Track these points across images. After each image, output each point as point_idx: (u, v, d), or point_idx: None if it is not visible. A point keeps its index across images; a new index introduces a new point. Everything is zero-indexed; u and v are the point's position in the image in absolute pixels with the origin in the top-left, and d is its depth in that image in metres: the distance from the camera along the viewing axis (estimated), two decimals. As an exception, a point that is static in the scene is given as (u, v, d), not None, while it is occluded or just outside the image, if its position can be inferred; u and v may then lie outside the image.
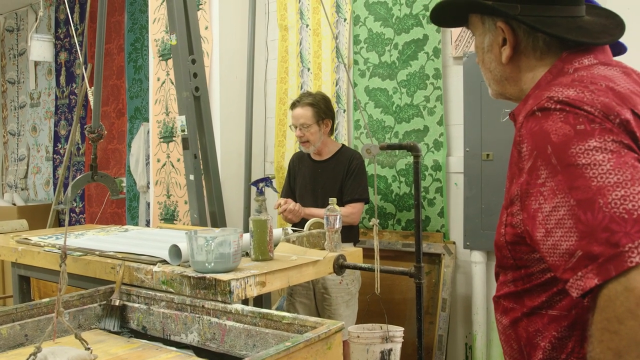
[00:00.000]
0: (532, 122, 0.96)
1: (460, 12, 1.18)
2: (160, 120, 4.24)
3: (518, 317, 1.05)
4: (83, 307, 2.00)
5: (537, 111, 0.95)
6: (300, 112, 3.00)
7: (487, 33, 1.14)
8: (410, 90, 3.43)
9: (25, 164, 6.67)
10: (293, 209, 2.88)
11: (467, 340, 3.25)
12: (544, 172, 0.91)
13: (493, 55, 1.13)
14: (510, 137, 1.06)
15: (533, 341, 1.03)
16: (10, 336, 1.79)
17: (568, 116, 0.91)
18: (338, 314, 2.86)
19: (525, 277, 1.04)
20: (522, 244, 1.01)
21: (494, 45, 1.13)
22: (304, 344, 1.43)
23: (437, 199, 3.33)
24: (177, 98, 3.35)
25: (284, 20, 4.07)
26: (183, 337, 1.86)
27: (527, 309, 1.04)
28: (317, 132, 3.00)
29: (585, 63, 1.04)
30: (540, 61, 1.09)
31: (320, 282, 2.88)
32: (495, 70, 1.14)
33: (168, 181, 4.17)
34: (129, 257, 2.18)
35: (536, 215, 0.92)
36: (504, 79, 1.14)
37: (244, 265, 2.00)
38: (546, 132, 0.92)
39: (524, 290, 1.04)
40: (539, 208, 0.91)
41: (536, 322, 1.02)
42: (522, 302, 1.05)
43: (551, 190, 0.89)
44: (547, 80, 1.06)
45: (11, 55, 6.93)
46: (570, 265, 0.86)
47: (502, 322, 1.10)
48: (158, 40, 4.23)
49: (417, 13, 3.41)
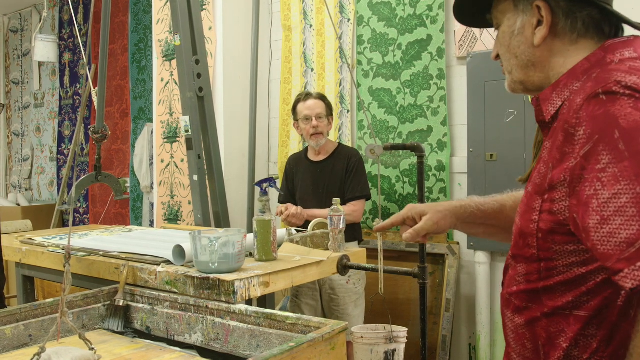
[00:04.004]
0: (595, 105, 0.91)
1: None
2: (164, 121, 4.24)
3: (536, 317, 1.01)
4: (87, 308, 2.00)
5: (602, 94, 0.91)
6: (315, 102, 3.04)
7: (520, 15, 1.09)
8: (414, 91, 3.43)
9: (30, 165, 6.68)
10: (296, 213, 2.89)
11: (471, 340, 3.24)
12: (606, 157, 0.87)
13: (524, 37, 1.09)
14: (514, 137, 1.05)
15: (555, 341, 0.99)
16: (14, 336, 1.80)
17: (638, 102, 0.87)
18: (347, 313, 2.86)
19: (543, 270, 0.99)
20: (558, 233, 0.97)
21: (527, 26, 1.08)
22: (307, 344, 1.42)
23: (440, 199, 3.32)
24: (181, 98, 3.36)
25: (288, 20, 4.07)
26: (187, 337, 1.86)
27: (548, 309, 1.00)
28: (328, 125, 3.05)
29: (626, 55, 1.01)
30: (574, 45, 1.06)
31: (327, 283, 2.88)
32: (524, 54, 1.10)
33: (172, 181, 4.17)
34: (132, 257, 2.18)
35: (590, 202, 0.88)
36: (532, 64, 1.10)
37: (248, 266, 2.00)
38: (614, 116, 0.87)
39: (543, 288, 1.00)
40: (594, 194, 0.87)
41: (559, 322, 0.98)
42: (541, 301, 1.01)
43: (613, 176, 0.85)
44: (584, 67, 1.03)
45: (15, 55, 6.95)
46: (627, 255, 0.82)
47: (515, 321, 1.06)
48: (162, 40, 4.24)
49: (420, 13, 3.41)
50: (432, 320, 3.23)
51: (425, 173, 3.33)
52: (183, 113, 3.31)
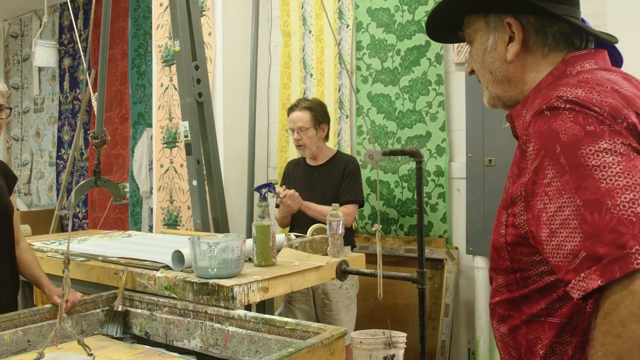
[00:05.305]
0: (540, 121, 0.94)
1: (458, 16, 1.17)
2: (163, 126, 4.25)
3: (517, 324, 1.04)
4: (86, 313, 2.01)
5: (545, 110, 0.94)
6: (298, 115, 3.02)
7: (492, 32, 1.11)
8: (413, 96, 3.44)
9: (29, 169, 6.68)
10: (293, 194, 2.87)
11: (470, 345, 3.24)
12: (551, 171, 0.89)
13: (497, 54, 1.11)
14: (513, 142, 1.05)
15: (533, 349, 1.01)
16: (12, 342, 1.80)
17: (577, 116, 0.90)
18: (339, 319, 2.86)
19: (520, 280, 1.02)
20: (523, 245, 1.00)
21: (499, 43, 1.10)
22: (306, 349, 1.43)
23: (439, 204, 3.33)
24: (181, 104, 3.36)
25: (287, 26, 4.09)
26: (186, 342, 1.86)
27: (525, 317, 1.02)
28: (313, 136, 3.02)
29: (586, 67, 1.04)
30: (545, 59, 1.07)
31: (320, 288, 2.88)
32: (498, 70, 1.12)
33: (171, 186, 4.18)
34: (131, 262, 2.18)
35: (540, 215, 0.91)
36: (506, 79, 1.11)
37: (247, 271, 2.00)
38: (555, 131, 0.90)
39: (521, 296, 1.02)
40: (544, 208, 0.90)
41: (536, 330, 1.01)
42: (520, 309, 1.03)
43: (557, 190, 0.88)
44: (548, 82, 1.05)
45: (15, 60, 6.96)
46: (574, 266, 0.84)
47: (500, 330, 1.09)
48: (161, 46, 4.25)
49: (419, 19, 3.42)
50: (431, 326, 3.23)
51: (424, 178, 3.34)
52: (182, 118, 3.31)
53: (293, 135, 3.07)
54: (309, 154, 3.07)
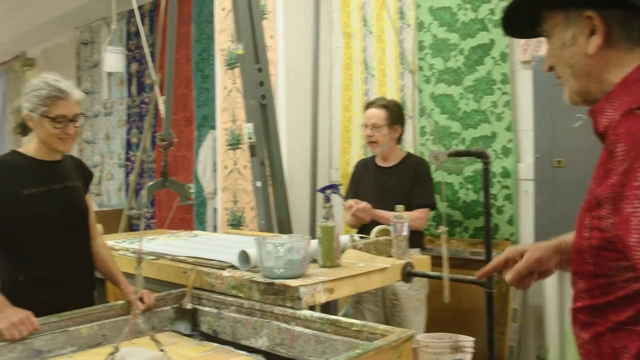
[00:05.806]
0: (631, 121, 0.91)
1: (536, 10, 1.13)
2: (227, 128, 4.33)
3: (601, 332, 1.00)
4: (156, 310, 2.06)
5: (636, 110, 0.91)
6: (374, 112, 3.03)
7: (571, 26, 1.07)
8: (477, 96, 3.37)
9: (99, 171, 6.95)
10: (365, 208, 2.87)
11: (539, 352, 3.14)
12: None
13: (577, 47, 1.06)
14: (584, 142, 1.02)
15: (618, 357, 0.97)
16: (89, 335, 1.87)
17: None
18: (408, 320, 2.84)
19: (604, 286, 0.98)
20: (608, 250, 0.96)
21: (579, 36, 1.06)
22: (374, 351, 1.42)
23: (505, 206, 3.25)
24: (244, 106, 3.41)
25: (348, 27, 4.09)
26: (253, 341, 1.89)
27: (611, 324, 0.98)
28: (387, 135, 3.01)
29: None
30: (630, 54, 1.03)
31: (390, 288, 2.86)
32: (578, 64, 1.07)
33: (235, 188, 4.25)
34: (199, 261, 2.23)
35: (630, 219, 0.87)
36: (586, 73, 1.07)
37: (312, 272, 2.01)
38: None
39: (606, 303, 0.98)
40: (634, 212, 0.87)
41: (622, 338, 0.96)
42: (605, 316, 0.99)
43: None
44: (635, 78, 1.00)
45: (86, 67, 7.26)
46: None
47: (582, 337, 1.05)
48: (224, 49, 4.33)
49: (482, 17, 3.35)
50: (498, 330, 3.15)
51: (490, 179, 3.26)
52: (246, 120, 3.36)
53: (365, 131, 3.06)
54: (380, 152, 3.06)
